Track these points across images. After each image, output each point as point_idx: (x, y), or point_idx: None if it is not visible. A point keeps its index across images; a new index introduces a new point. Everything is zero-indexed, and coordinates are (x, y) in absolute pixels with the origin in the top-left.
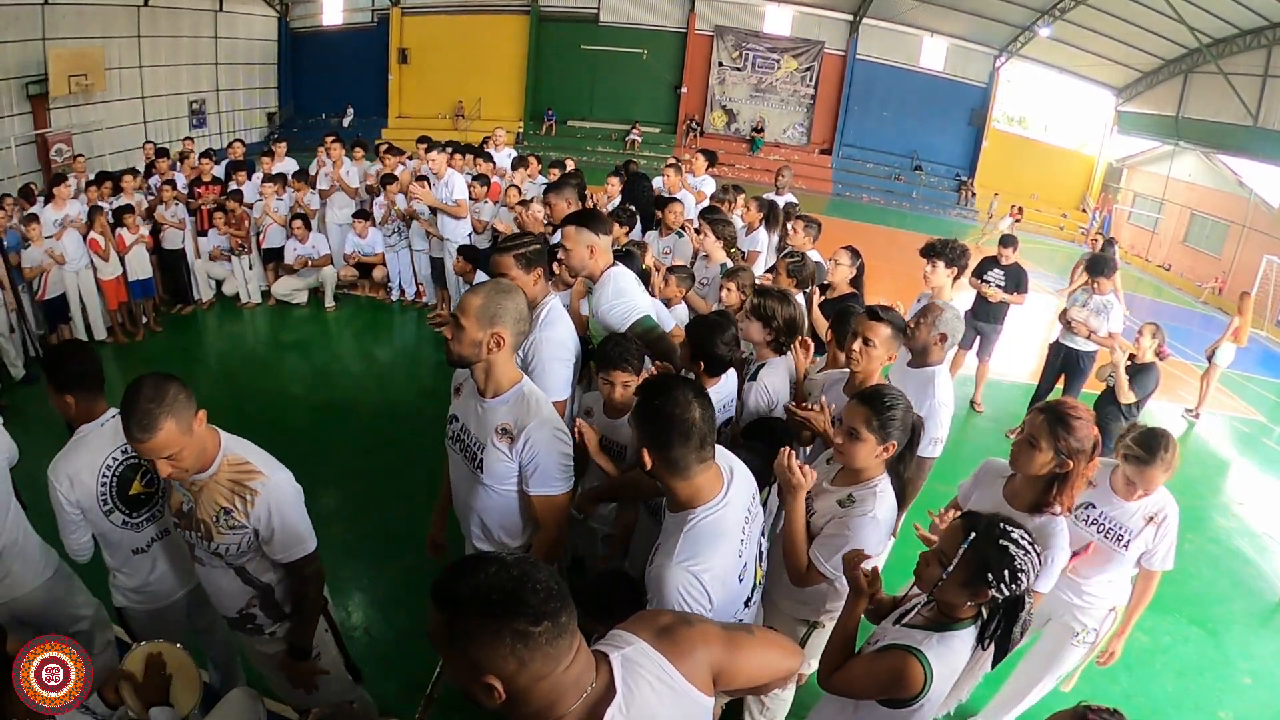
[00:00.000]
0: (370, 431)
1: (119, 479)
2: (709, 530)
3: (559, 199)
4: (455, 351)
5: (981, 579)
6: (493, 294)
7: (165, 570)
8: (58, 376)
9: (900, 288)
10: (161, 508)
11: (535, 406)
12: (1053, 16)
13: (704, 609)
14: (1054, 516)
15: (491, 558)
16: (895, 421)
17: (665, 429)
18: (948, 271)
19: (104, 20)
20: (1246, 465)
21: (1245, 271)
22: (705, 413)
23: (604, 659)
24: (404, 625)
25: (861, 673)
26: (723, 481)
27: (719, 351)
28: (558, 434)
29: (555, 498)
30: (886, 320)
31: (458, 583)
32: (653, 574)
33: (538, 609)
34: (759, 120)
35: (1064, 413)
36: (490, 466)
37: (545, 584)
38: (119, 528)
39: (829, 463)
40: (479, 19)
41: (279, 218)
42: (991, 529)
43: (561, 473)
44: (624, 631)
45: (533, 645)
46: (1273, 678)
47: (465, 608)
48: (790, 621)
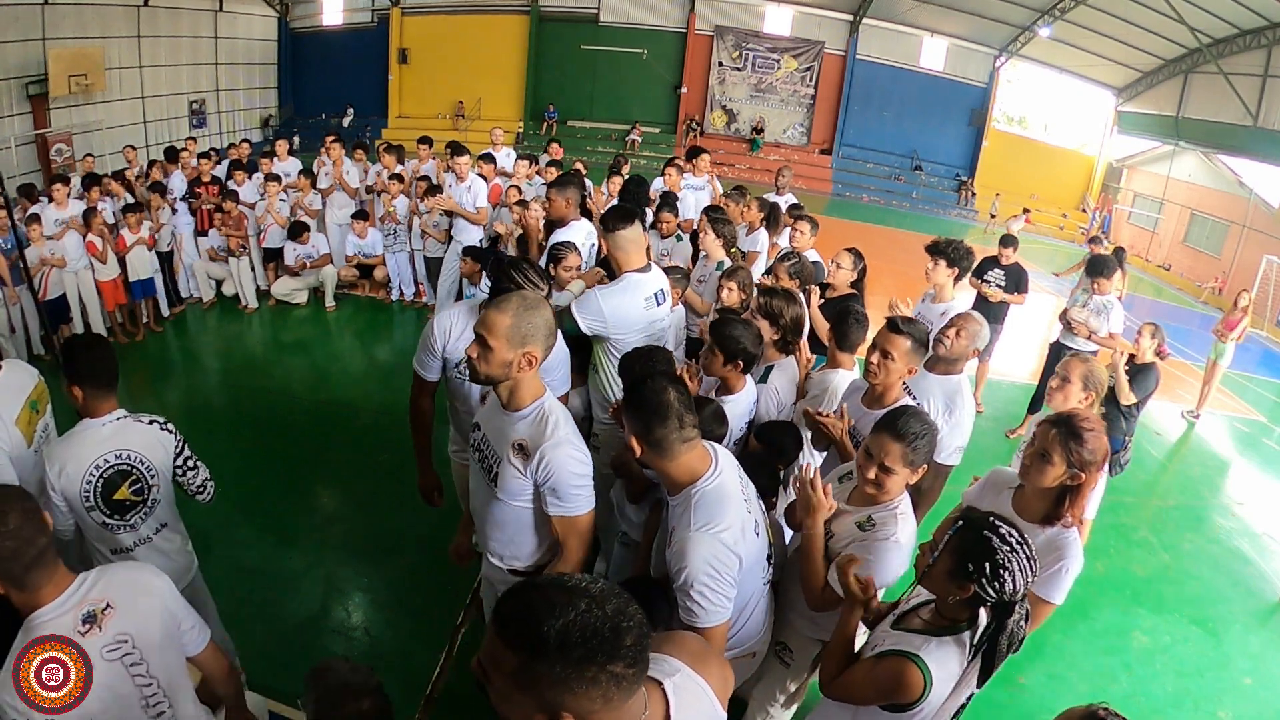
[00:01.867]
0: (370, 431)
1: (105, 481)
2: (714, 495)
3: (560, 196)
4: (483, 372)
5: (963, 570)
6: (521, 311)
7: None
8: (69, 366)
9: (901, 287)
10: (146, 515)
11: (554, 426)
12: (1053, 16)
13: (734, 572)
14: (1065, 528)
15: (577, 587)
16: (925, 449)
17: (645, 413)
18: (949, 271)
19: (104, 20)
20: (1246, 465)
21: (1245, 271)
22: (681, 395)
23: (656, 685)
24: (404, 625)
25: (862, 679)
26: (710, 457)
27: (750, 349)
28: (574, 454)
29: (576, 519)
30: (907, 333)
31: (542, 622)
32: (674, 549)
33: (635, 649)
34: (759, 120)
35: (1076, 425)
36: (504, 482)
37: (638, 620)
38: (98, 526)
39: (842, 480)
40: (479, 19)
41: (281, 218)
42: (978, 521)
43: (580, 493)
44: (664, 655)
45: (624, 686)
46: (1273, 678)
47: (555, 653)
48: (806, 641)
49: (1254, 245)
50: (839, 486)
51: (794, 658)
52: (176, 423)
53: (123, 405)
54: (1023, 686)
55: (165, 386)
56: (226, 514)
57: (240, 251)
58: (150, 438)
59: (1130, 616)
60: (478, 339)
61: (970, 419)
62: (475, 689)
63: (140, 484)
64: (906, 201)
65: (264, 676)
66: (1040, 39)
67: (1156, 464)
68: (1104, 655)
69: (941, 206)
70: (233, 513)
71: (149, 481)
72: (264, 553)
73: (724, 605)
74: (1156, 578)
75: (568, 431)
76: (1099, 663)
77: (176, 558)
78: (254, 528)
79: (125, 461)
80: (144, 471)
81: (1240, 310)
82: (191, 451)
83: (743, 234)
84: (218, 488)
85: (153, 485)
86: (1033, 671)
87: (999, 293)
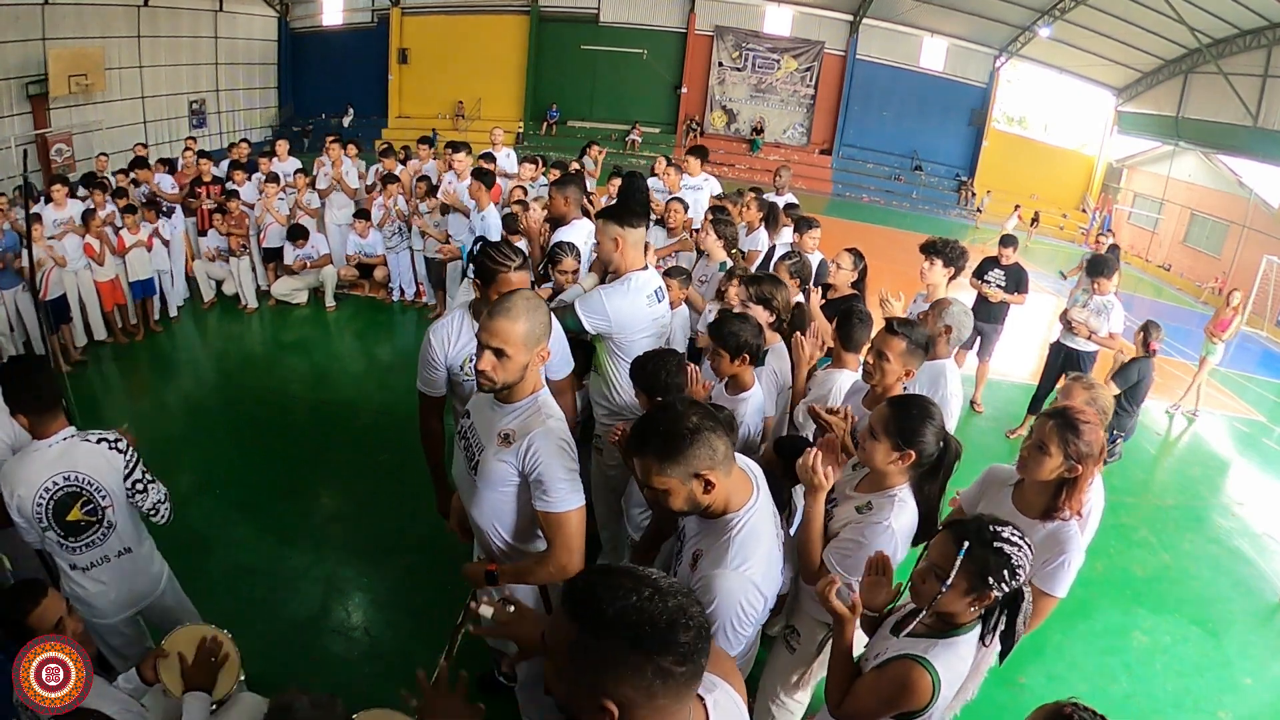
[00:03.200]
0: (370, 431)
1: (56, 503)
2: (752, 533)
3: (560, 195)
4: (501, 380)
5: (983, 584)
6: (530, 313)
7: (103, 592)
8: (7, 395)
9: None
10: (104, 535)
11: (545, 415)
12: (1053, 16)
13: (760, 614)
14: (1064, 521)
15: (646, 577)
16: (917, 430)
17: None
18: (944, 271)
19: (104, 20)
20: (1246, 465)
21: (1245, 271)
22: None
23: (699, 701)
24: (404, 625)
25: (870, 692)
26: (752, 484)
27: (752, 339)
28: (563, 445)
29: (561, 515)
30: (903, 334)
31: (605, 600)
32: (701, 583)
33: (688, 649)
34: (759, 120)
35: (1072, 417)
36: (484, 468)
37: (699, 621)
38: (56, 545)
39: (854, 469)
40: (479, 19)
41: (280, 216)
42: (982, 533)
43: (565, 486)
44: (707, 671)
45: (670, 684)
46: (1273, 678)
47: (610, 631)
48: (812, 624)
49: (1254, 245)
50: (849, 474)
51: (800, 642)
52: (177, 423)
53: (122, 406)
54: (1023, 686)
55: (165, 387)
56: (226, 514)
57: (240, 251)
58: (97, 458)
59: (1130, 616)
60: (493, 352)
61: (958, 402)
62: (477, 688)
63: (92, 505)
64: (906, 202)
65: (264, 676)
66: (1040, 39)
67: (1157, 464)
68: (1104, 655)
69: (941, 207)
70: (233, 513)
71: (100, 503)
72: (264, 553)
73: (743, 645)
74: (1156, 578)
75: (558, 425)
76: (1099, 663)
77: (137, 578)
78: (254, 528)
79: (74, 484)
80: (94, 493)
81: (1232, 309)
82: (145, 472)
83: (743, 234)
84: (216, 488)
85: (105, 507)
86: (1033, 671)
87: (999, 293)
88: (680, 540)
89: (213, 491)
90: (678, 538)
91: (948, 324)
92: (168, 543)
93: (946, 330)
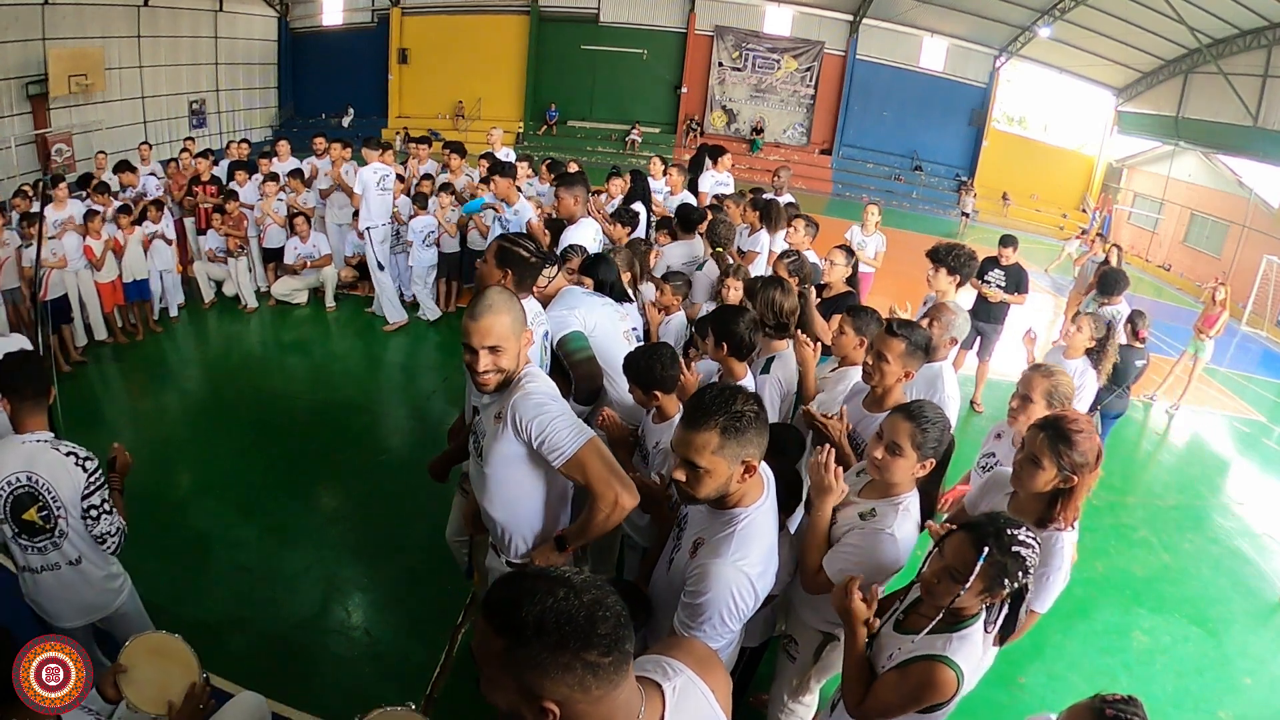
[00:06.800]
0: (370, 431)
1: (15, 499)
2: (755, 530)
3: (568, 194)
4: (503, 374)
5: (999, 584)
6: (510, 303)
7: (52, 599)
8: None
9: (901, 288)
10: (55, 543)
11: (523, 383)
12: (1053, 16)
13: (750, 608)
14: (1058, 531)
15: (560, 578)
16: (935, 437)
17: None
18: (950, 278)
19: (104, 20)
20: (1246, 465)
21: (1245, 271)
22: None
23: (656, 688)
24: (404, 625)
25: (892, 693)
26: (764, 485)
27: (741, 332)
28: (543, 399)
29: (575, 455)
30: (902, 336)
31: (521, 608)
32: (698, 571)
33: (610, 639)
34: (759, 120)
35: (1065, 428)
36: (489, 450)
37: (615, 610)
38: (10, 539)
39: (859, 475)
40: (479, 19)
41: (279, 218)
42: (1001, 538)
43: (565, 430)
44: (670, 659)
45: (602, 674)
46: (1273, 678)
47: (531, 637)
48: (809, 631)
49: (1254, 245)
50: (855, 480)
51: (799, 650)
52: (177, 423)
53: (122, 406)
54: (1023, 686)
55: (165, 387)
56: (226, 514)
57: (239, 252)
58: (59, 469)
59: (1130, 616)
60: (488, 350)
61: (955, 404)
62: (475, 688)
63: (46, 511)
64: (906, 202)
65: (264, 676)
66: (1040, 39)
67: (1156, 464)
68: (1104, 655)
69: (941, 207)
70: (233, 513)
71: (54, 511)
72: (264, 553)
73: (728, 637)
74: (1156, 578)
75: (535, 384)
76: (1099, 663)
77: (88, 591)
78: (254, 528)
79: (32, 485)
80: (49, 500)
81: (1219, 305)
82: (106, 501)
83: (744, 234)
84: (216, 488)
85: (58, 516)
86: (1033, 671)
87: (999, 293)
88: (680, 527)
89: (213, 491)
90: (678, 525)
91: (954, 336)
92: (168, 543)
93: (952, 342)
